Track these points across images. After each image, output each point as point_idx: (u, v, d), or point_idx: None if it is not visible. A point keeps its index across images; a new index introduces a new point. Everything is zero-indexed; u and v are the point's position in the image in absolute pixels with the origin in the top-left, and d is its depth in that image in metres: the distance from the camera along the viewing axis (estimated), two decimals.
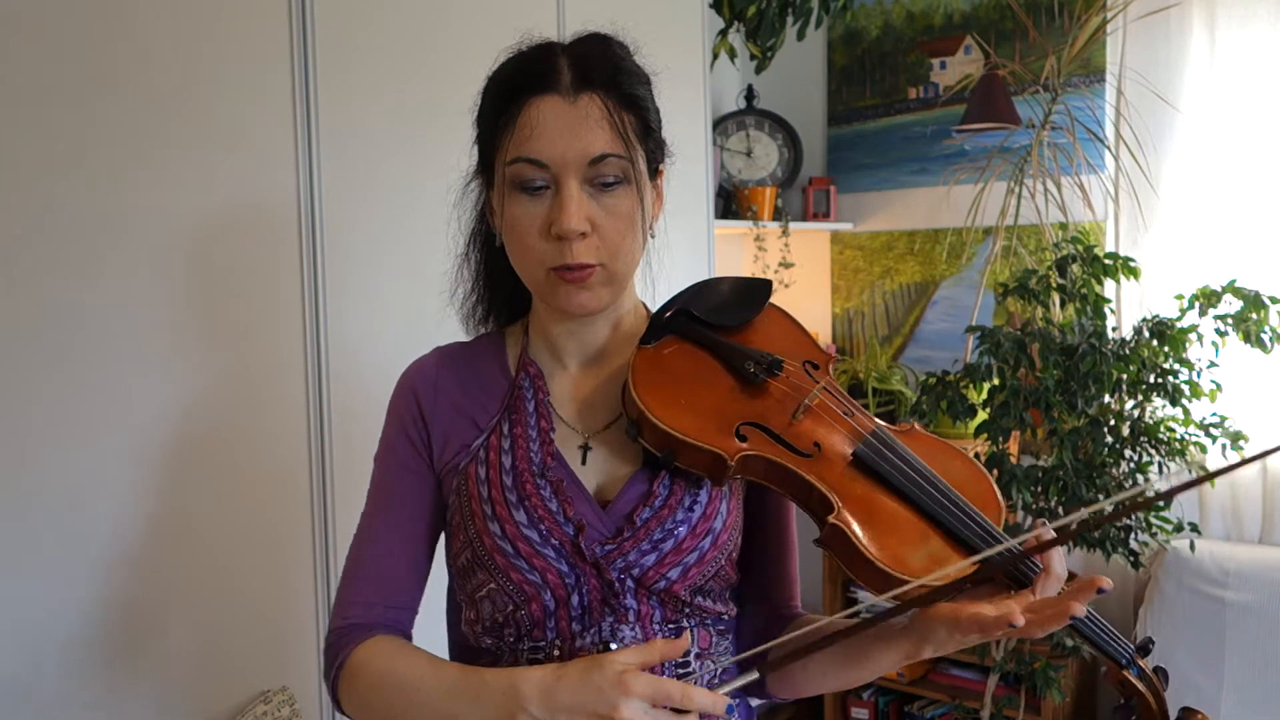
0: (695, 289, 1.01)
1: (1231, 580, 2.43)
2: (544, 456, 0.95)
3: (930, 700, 2.92)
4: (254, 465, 1.63)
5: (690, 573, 0.93)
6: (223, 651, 1.61)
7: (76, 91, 1.43)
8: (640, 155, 0.93)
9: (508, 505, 0.93)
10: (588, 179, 0.90)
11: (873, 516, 0.87)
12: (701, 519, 0.94)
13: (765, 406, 0.93)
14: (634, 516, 0.92)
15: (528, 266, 0.94)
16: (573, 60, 0.91)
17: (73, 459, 1.44)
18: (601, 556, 0.91)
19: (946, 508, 0.88)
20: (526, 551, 0.91)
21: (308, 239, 1.68)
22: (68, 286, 1.43)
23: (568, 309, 0.93)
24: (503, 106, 0.92)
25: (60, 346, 1.42)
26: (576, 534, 0.91)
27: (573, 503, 0.93)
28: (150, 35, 1.50)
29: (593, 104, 0.90)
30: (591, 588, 0.91)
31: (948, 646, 0.85)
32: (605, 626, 0.92)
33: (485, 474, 0.96)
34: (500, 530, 0.92)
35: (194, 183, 1.55)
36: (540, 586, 0.91)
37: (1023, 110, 2.68)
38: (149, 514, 1.52)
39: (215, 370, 1.59)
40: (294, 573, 1.69)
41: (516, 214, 0.92)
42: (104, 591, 1.48)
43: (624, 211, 0.92)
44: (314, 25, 1.68)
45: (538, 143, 0.89)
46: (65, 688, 1.44)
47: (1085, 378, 2.09)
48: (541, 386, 1.00)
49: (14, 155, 1.37)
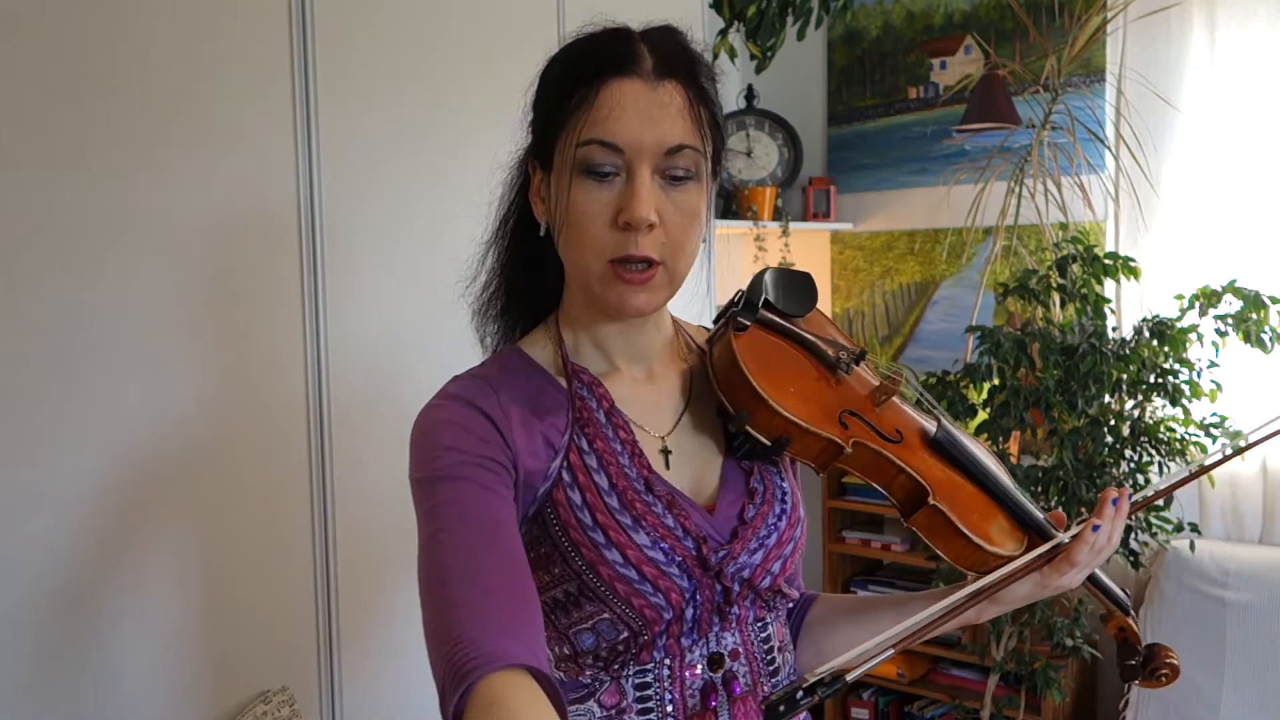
0: (764, 277, 0.99)
1: (1231, 580, 2.43)
2: (639, 470, 0.89)
3: (930, 700, 2.92)
4: (254, 465, 1.63)
5: (787, 564, 0.93)
6: (222, 651, 1.61)
7: (76, 92, 1.43)
8: (711, 150, 0.90)
9: (624, 529, 0.86)
10: (660, 170, 0.86)
11: (955, 496, 0.93)
12: (793, 508, 0.95)
13: (854, 395, 0.95)
14: (744, 516, 0.91)
15: (585, 256, 0.87)
16: (654, 47, 0.87)
17: (72, 459, 1.44)
18: (717, 563, 0.88)
19: (1002, 485, 0.97)
20: (653, 574, 0.85)
21: (308, 240, 1.68)
22: (67, 287, 1.43)
23: (621, 309, 0.88)
24: (576, 86, 0.86)
25: (60, 347, 1.42)
26: (699, 546, 0.88)
27: (687, 514, 0.89)
28: (150, 35, 1.50)
29: (675, 92, 0.86)
30: (705, 598, 0.88)
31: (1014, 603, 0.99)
32: (711, 638, 0.90)
33: (581, 498, 0.87)
34: (622, 557, 0.85)
35: (194, 184, 1.55)
36: (663, 608, 0.86)
37: (1023, 110, 2.68)
38: (149, 514, 1.52)
39: (215, 371, 1.59)
40: (294, 573, 1.69)
41: (580, 199, 0.86)
42: (103, 592, 1.48)
43: (691, 208, 0.88)
44: (314, 26, 1.68)
45: (615, 125, 0.84)
46: (65, 688, 1.44)
47: (1085, 378, 2.09)
48: (604, 394, 0.93)
49: (14, 156, 1.37)
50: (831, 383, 0.95)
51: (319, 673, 1.72)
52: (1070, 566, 0.96)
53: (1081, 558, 0.95)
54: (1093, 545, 0.96)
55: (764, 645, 0.94)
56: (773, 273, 1.00)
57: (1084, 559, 0.96)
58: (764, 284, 0.98)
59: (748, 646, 0.92)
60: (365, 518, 1.74)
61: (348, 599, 1.75)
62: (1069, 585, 0.98)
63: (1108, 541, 0.97)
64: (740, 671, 0.91)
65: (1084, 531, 0.96)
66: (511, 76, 0.98)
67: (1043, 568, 0.96)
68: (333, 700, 1.74)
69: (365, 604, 1.76)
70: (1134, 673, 1.05)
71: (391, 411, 1.77)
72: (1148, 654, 1.05)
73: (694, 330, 1.07)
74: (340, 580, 1.74)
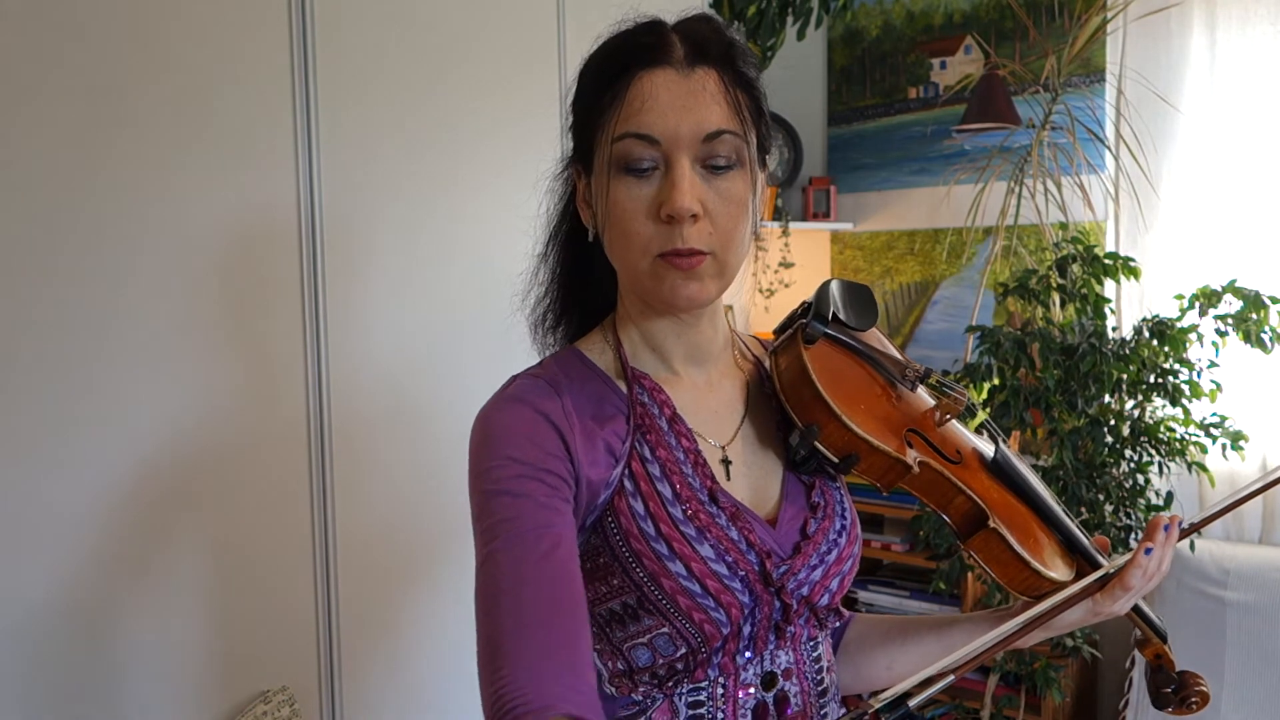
0: (825, 291, 0.96)
1: (1231, 580, 2.43)
2: (703, 480, 0.87)
3: (930, 700, 2.91)
4: (255, 466, 1.63)
5: (845, 581, 0.92)
6: (222, 651, 1.61)
7: (76, 97, 1.43)
8: (754, 137, 0.87)
9: (688, 541, 0.83)
10: (700, 159, 0.83)
11: (1012, 519, 0.92)
12: (851, 524, 0.93)
13: (916, 412, 0.94)
14: (806, 531, 0.89)
15: (631, 254, 0.84)
16: (685, 35, 0.85)
17: (71, 461, 1.44)
18: (780, 578, 0.86)
19: (1055, 510, 0.96)
20: (715, 588, 0.83)
21: (308, 245, 1.68)
22: (67, 292, 1.43)
23: (674, 301, 0.85)
24: (608, 82, 0.84)
25: (60, 351, 1.42)
26: (762, 561, 0.85)
27: (752, 528, 0.87)
28: (149, 40, 1.50)
29: (708, 78, 0.83)
30: (764, 615, 0.86)
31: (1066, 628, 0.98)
32: (766, 656, 0.88)
33: (644, 508, 0.84)
34: (685, 570, 0.82)
35: (194, 185, 1.55)
36: (723, 623, 0.84)
37: (1023, 110, 2.68)
38: (149, 515, 1.52)
39: (216, 374, 1.59)
40: (294, 573, 1.69)
41: (620, 197, 0.83)
42: (104, 592, 1.48)
43: (737, 196, 0.84)
44: (314, 31, 1.68)
45: (649, 116, 0.81)
46: (66, 688, 1.44)
47: (1085, 378, 2.09)
48: (666, 400, 0.90)
49: (14, 161, 1.37)
50: (895, 400, 0.94)
51: (319, 673, 1.73)
52: (1124, 591, 0.95)
53: (1135, 582, 0.94)
54: (1145, 570, 0.95)
55: (815, 665, 0.91)
56: (838, 284, 0.97)
57: (1137, 583, 0.94)
58: (831, 296, 0.95)
59: (800, 666, 0.90)
60: (366, 518, 1.74)
61: (348, 599, 1.75)
62: (1119, 611, 0.97)
63: (1158, 568, 0.95)
64: (792, 692, 0.89)
65: (1137, 555, 0.95)
66: (512, 79, 0.98)
67: (1096, 593, 0.95)
68: (333, 700, 1.74)
69: (365, 604, 1.76)
70: (1168, 700, 1.04)
71: (392, 414, 1.78)
72: (1179, 681, 1.04)
73: (748, 339, 1.04)
74: (340, 580, 1.74)
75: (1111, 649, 2.74)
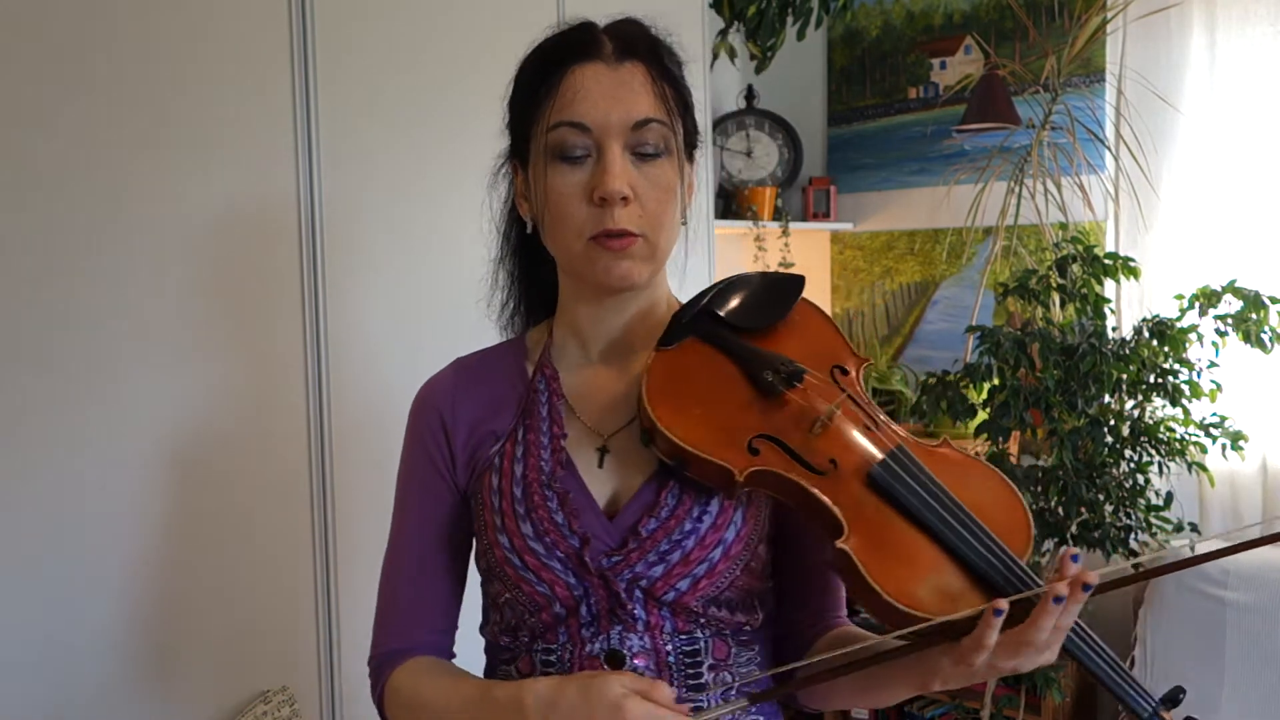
0: (723, 286, 0.97)
1: (1231, 580, 2.43)
2: (554, 465, 0.93)
3: (930, 700, 2.91)
4: (254, 466, 1.63)
5: (700, 584, 0.90)
6: (223, 651, 1.61)
7: (76, 91, 1.43)
8: (680, 128, 0.93)
9: (515, 517, 0.92)
10: (630, 145, 0.89)
11: (884, 543, 0.81)
12: (711, 529, 0.91)
13: (783, 418, 0.88)
14: (639, 528, 0.90)
15: (566, 237, 0.91)
16: (614, 33, 0.92)
17: (71, 462, 1.44)
18: (608, 568, 0.90)
19: (964, 538, 0.81)
20: (534, 564, 0.91)
21: (308, 241, 1.68)
22: (67, 288, 1.43)
23: (607, 281, 0.91)
24: (543, 77, 0.91)
25: (59, 349, 1.42)
26: (581, 546, 0.90)
27: (579, 514, 0.91)
28: (150, 35, 1.50)
29: (636, 71, 0.90)
30: (599, 598, 0.90)
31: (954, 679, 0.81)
32: (614, 635, 0.91)
33: (498, 484, 0.95)
34: (509, 543, 0.92)
35: (194, 184, 1.55)
36: (550, 598, 0.91)
37: (1023, 110, 2.68)
38: (149, 515, 1.52)
39: (215, 371, 1.59)
40: (294, 573, 1.69)
41: (555, 183, 0.90)
42: (103, 593, 1.48)
43: (665, 182, 0.91)
44: (314, 25, 1.68)
45: (581, 105, 0.88)
46: (66, 687, 1.44)
47: (1085, 378, 2.09)
48: (556, 389, 0.98)
49: (14, 156, 1.37)
50: (760, 405, 0.89)
51: (319, 673, 1.73)
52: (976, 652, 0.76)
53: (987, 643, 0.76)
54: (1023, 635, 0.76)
55: (688, 658, 0.92)
56: (740, 280, 0.98)
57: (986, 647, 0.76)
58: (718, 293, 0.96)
59: (660, 655, 0.91)
60: (365, 517, 1.74)
61: (348, 599, 1.75)
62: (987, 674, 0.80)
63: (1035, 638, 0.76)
64: (647, 674, 0.90)
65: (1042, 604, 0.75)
66: (512, 75, 0.99)
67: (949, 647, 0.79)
68: (333, 700, 1.74)
69: (365, 604, 1.76)
70: None
71: (392, 411, 1.77)
72: None
73: None
74: (340, 580, 1.74)
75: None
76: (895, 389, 3.05)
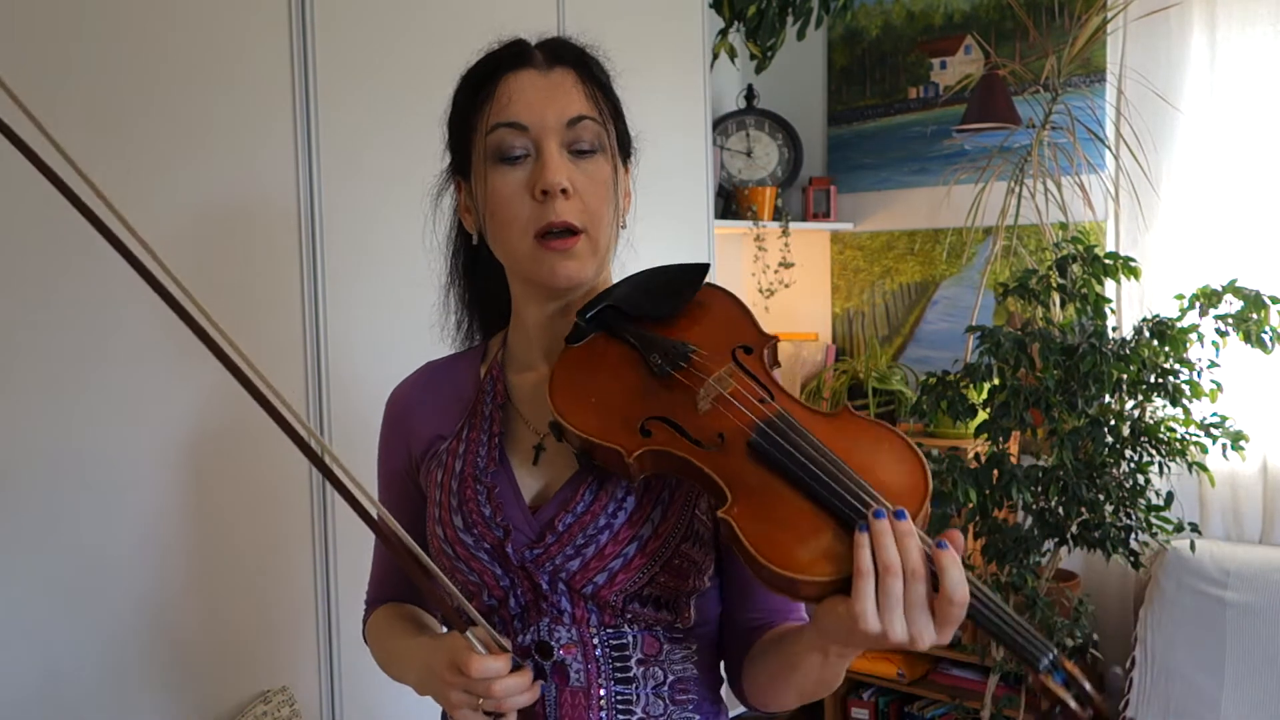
0: (626, 281, 1.00)
1: (1231, 580, 2.43)
2: (489, 461, 0.98)
3: (930, 700, 2.92)
4: (254, 466, 1.63)
5: (617, 578, 0.92)
6: (223, 651, 1.61)
7: (77, 92, 1.43)
8: (613, 130, 0.97)
9: (450, 509, 0.97)
10: (566, 143, 0.93)
11: (768, 511, 0.81)
12: (626, 525, 0.92)
13: (675, 400, 0.90)
14: (556, 522, 0.93)
15: (512, 238, 0.94)
16: (543, 45, 0.98)
17: (71, 462, 1.44)
18: (530, 560, 0.93)
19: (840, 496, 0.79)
20: (464, 555, 0.96)
21: (307, 240, 1.68)
22: (67, 287, 1.43)
23: (553, 281, 0.94)
24: (479, 86, 0.96)
25: (58, 352, 1.42)
26: (504, 538, 0.94)
27: (503, 507, 0.95)
28: (150, 35, 1.50)
29: (567, 75, 0.95)
30: (524, 589, 0.94)
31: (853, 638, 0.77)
32: (543, 627, 0.94)
33: (440, 478, 1.00)
34: (443, 534, 0.97)
35: (194, 183, 1.55)
36: (480, 586, 0.96)
37: (1023, 110, 2.68)
38: (149, 515, 1.52)
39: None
40: (294, 573, 1.69)
41: (497, 184, 0.94)
42: (103, 593, 1.48)
43: (602, 178, 0.95)
44: (314, 26, 1.68)
45: (517, 107, 0.93)
46: (66, 688, 1.44)
47: (1085, 378, 2.09)
48: (502, 390, 1.03)
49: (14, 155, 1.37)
50: (655, 389, 0.91)
51: (319, 673, 1.73)
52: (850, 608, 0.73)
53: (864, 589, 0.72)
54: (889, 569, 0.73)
55: (615, 652, 0.94)
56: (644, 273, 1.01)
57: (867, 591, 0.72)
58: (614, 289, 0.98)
59: (588, 647, 0.94)
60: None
61: (348, 599, 1.75)
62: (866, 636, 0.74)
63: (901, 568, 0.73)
64: (574, 667, 0.94)
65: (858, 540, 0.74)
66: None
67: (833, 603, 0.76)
68: (333, 700, 1.74)
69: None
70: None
71: None
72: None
73: None
74: (340, 580, 1.74)
75: (1111, 649, 2.74)
76: (895, 389, 3.05)
